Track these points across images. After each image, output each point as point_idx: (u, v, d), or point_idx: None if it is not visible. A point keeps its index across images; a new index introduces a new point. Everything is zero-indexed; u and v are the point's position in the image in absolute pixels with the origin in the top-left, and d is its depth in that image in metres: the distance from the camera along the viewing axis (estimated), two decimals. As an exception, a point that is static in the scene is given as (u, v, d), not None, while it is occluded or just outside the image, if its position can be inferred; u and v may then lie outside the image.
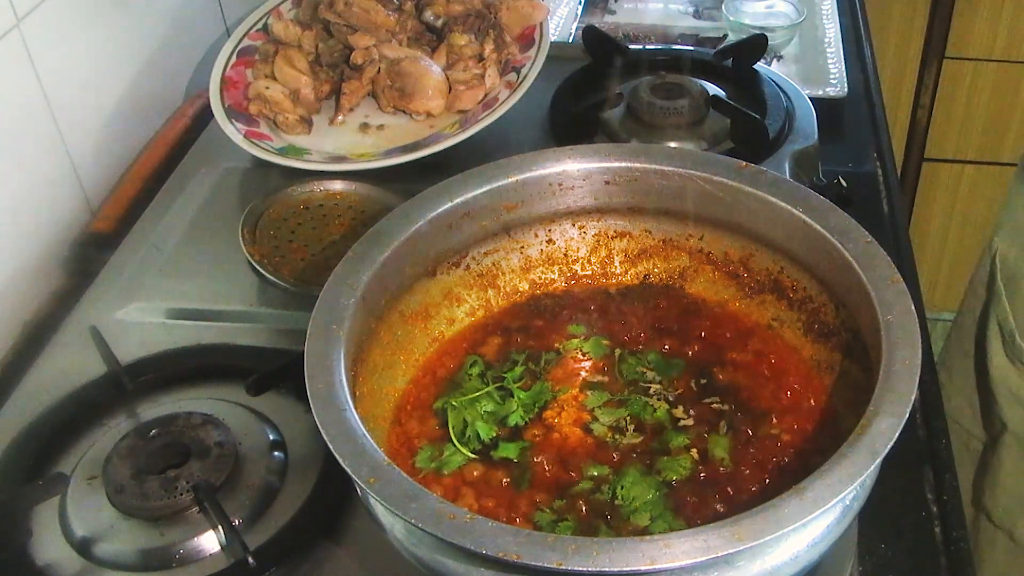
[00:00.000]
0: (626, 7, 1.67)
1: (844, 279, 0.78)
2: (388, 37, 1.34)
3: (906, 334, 0.70)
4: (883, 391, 0.67)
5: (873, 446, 0.64)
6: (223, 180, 1.27)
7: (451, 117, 1.30)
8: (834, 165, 1.24)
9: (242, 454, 0.88)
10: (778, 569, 0.65)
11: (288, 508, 0.85)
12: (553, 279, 0.95)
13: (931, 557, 0.84)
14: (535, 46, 1.32)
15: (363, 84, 1.31)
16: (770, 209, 0.84)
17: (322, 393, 0.70)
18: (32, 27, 1.11)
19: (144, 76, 1.35)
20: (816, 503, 0.61)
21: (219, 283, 1.11)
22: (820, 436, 0.79)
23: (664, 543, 0.60)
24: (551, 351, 0.88)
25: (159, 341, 1.02)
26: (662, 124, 1.21)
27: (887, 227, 1.18)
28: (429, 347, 0.89)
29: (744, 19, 1.50)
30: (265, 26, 1.39)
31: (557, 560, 0.59)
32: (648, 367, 0.86)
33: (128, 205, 1.23)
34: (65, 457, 0.91)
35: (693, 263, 0.92)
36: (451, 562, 0.66)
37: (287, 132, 1.29)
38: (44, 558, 0.83)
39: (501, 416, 0.82)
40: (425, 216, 0.85)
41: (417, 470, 0.79)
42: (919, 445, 0.93)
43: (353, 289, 0.78)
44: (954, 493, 0.88)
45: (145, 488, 0.84)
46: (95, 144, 1.25)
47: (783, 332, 0.87)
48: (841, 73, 1.40)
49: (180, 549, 0.83)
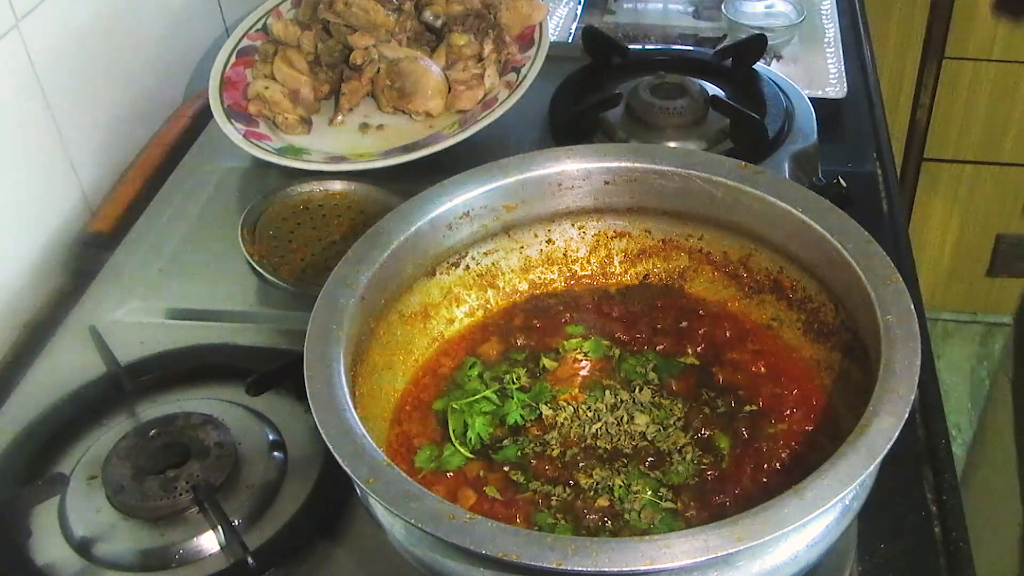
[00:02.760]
0: (626, 7, 1.67)
1: (843, 279, 0.78)
2: (387, 37, 1.34)
3: (906, 334, 0.70)
4: (882, 391, 0.67)
5: (872, 446, 0.64)
6: (222, 180, 1.26)
7: (450, 117, 1.30)
8: (834, 165, 1.23)
9: (242, 454, 0.88)
10: (778, 569, 0.65)
11: (288, 508, 0.85)
12: (553, 279, 0.95)
13: (930, 557, 0.84)
14: (535, 46, 1.32)
15: (362, 84, 1.31)
16: (770, 209, 0.84)
17: (322, 393, 0.70)
18: (31, 27, 1.11)
19: (143, 76, 1.35)
20: (816, 503, 0.61)
21: (218, 283, 1.11)
22: (819, 436, 0.79)
23: (664, 543, 0.60)
24: (551, 351, 0.88)
25: (159, 341, 1.02)
26: (662, 124, 1.21)
27: (886, 227, 1.18)
28: (429, 347, 0.89)
29: (744, 19, 1.50)
30: (264, 26, 1.39)
31: (557, 560, 0.59)
32: (647, 367, 0.86)
33: (127, 205, 1.23)
34: (65, 457, 0.91)
35: (693, 263, 0.92)
36: (451, 562, 0.66)
37: (286, 132, 1.29)
38: (44, 558, 0.83)
39: (501, 416, 0.82)
40: (425, 216, 0.85)
41: (417, 470, 0.79)
42: (918, 445, 0.93)
43: (353, 289, 0.78)
44: (954, 493, 0.88)
45: (145, 488, 0.84)
46: (94, 144, 1.25)
47: (782, 332, 0.87)
48: (841, 73, 1.40)
49: (180, 549, 0.82)
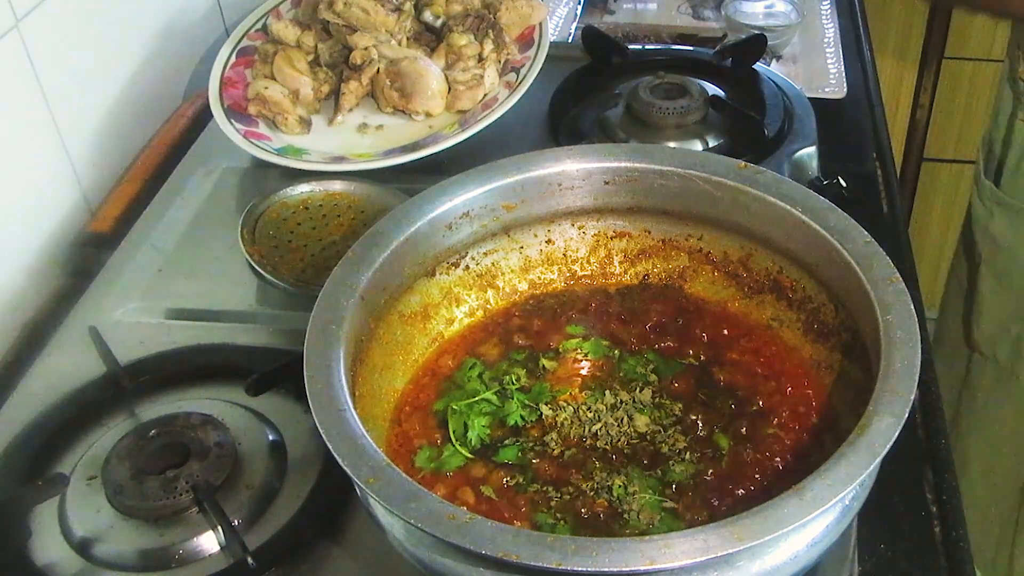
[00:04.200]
0: (625, 7, 1.67)
1: (843, 279, 0.78)
2: (387, 37, 1.34)
3: (905, 334, 0.70)
4: (882, 391, 0.67)
5: (872, 446, 0.64)
6: (222, 180, 1.26)
7: (450, 117, 1.30)
8: (833, 165, 1.23)
9: (241, 454, 0.88)
10: (777, 569, 0.65)
11: (287, 508, 0.85)
12: (552, 279, 0.95)
13: (930, 557, 0.84)
14: (534, 46, 1.32)
15: (362, 84, 1.31)
16: (769, 209, 0.84)
17: (321, 393, 0.70)
18: (31, 27, 1.11)
19: (143, 76, 1.35)
20: (815, 503, 0.61)
21: (218, 283, 1.11)
22: (819, 436, 0.79)
23: (664, 543, 0.60)
24: (550, 351, 0.88)
25: (158, 341, 1.02)
26: (661, 124, 1.21)
27: (886, 227, 1.18)
28: (428, 347, 0.89)
29: (743, 19, 1.50)
30: (264, 26, 1.38)
31: (556, 560, 0.59)
32: (647, 367, 0.86)
33: (127, 205, 1.23)
34: (64, 457, 0.91)
35: (692, 263, 0.92)
36: (450, 562, 0.66)
37: (286, 132, 1.29)
38: (44, 558, 0.83)
39: (501, 417, 0.82)
40: (424, 216, 0.85)
41: (416, 470, 0.79)
42: (918, 445, 0.93)
43: (352, 289, 0.78)
44: (954, 493, 0.88)
45: (144, 488, 0.84)
46: (94, 144, 1.25)
47: (782, 332, 0.87)
48: (840, 73, 1.40)
49: (179, 549, 0.82)
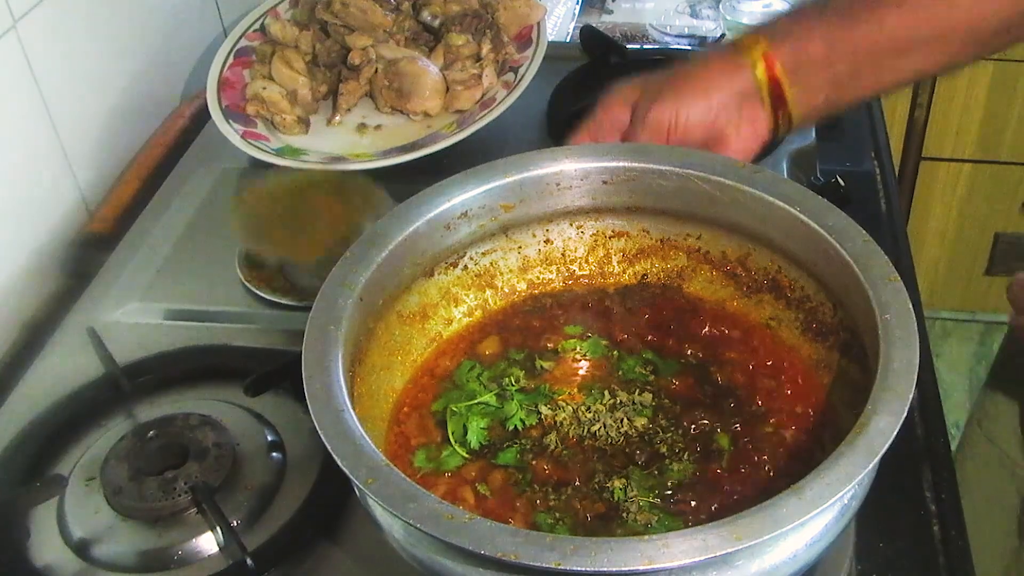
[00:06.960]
0: (624, 7, 1.67)
1: (842, 278, 0.78)
2: (385, 37, 1.34)
3: (904, 333, 0.70)
4: (881, 390, 0.67)
5: (871, 445, 0.64)
6: (221, 181, 1.26)
7: (448, 117, 1.30)
8: (832, 164, 1.23)
9: (240, 455, 0.88)
10: (777, 568, 0.65)
11: (286, 509, 0.85)
12: (551, 279, 0.95)
13: (930, 556, 0.84)
14: (532, 46, 1.32)
15: (360, 84, 1.31)
16: (768, 208, 0.83)
17: (320, 394, 0.70)
18: (29, 28, 1.11)
19: (141, 77, 1.35)
20: (814, 502, 0.61)
21: (217, 284, 1.11)
22: (818, 435, 0.79)
23: (663, 543, 0.60)
24: (549, 351, 0.88)
25: (157, 342, 1.02)
26: (660, 124, 1.20)
27: (885, 226, 1.18)
28: (427, 347, 0.89)
29: (741, 18, 1.50)
30: (262, 27, 1.38)
31: (556, 560, 0.59)
32: (646, 367, 0.86)
33: (126, 206, 1.23)
34: (63, 458, 0.91)
35: (691, 263, 0.92)
36: (450, 562, 0.66)
37: (284, 132, 1.29)
38: (42, 559, 0.83)
39: (500, 419, 0.82)
40: (422, 216, 0.85)
41: (415, 470, 0.79)
42: (917, 444, 0.93)
43: (351, 290, 0.78)
44: (952, 492, 0.88)
45: (143, 489, 0.84)
46: (92, 145, 1.25)
47: (781, 331, 0.87)
48: (839, 72, 1.40)
49: (178, 550, 0.82)
